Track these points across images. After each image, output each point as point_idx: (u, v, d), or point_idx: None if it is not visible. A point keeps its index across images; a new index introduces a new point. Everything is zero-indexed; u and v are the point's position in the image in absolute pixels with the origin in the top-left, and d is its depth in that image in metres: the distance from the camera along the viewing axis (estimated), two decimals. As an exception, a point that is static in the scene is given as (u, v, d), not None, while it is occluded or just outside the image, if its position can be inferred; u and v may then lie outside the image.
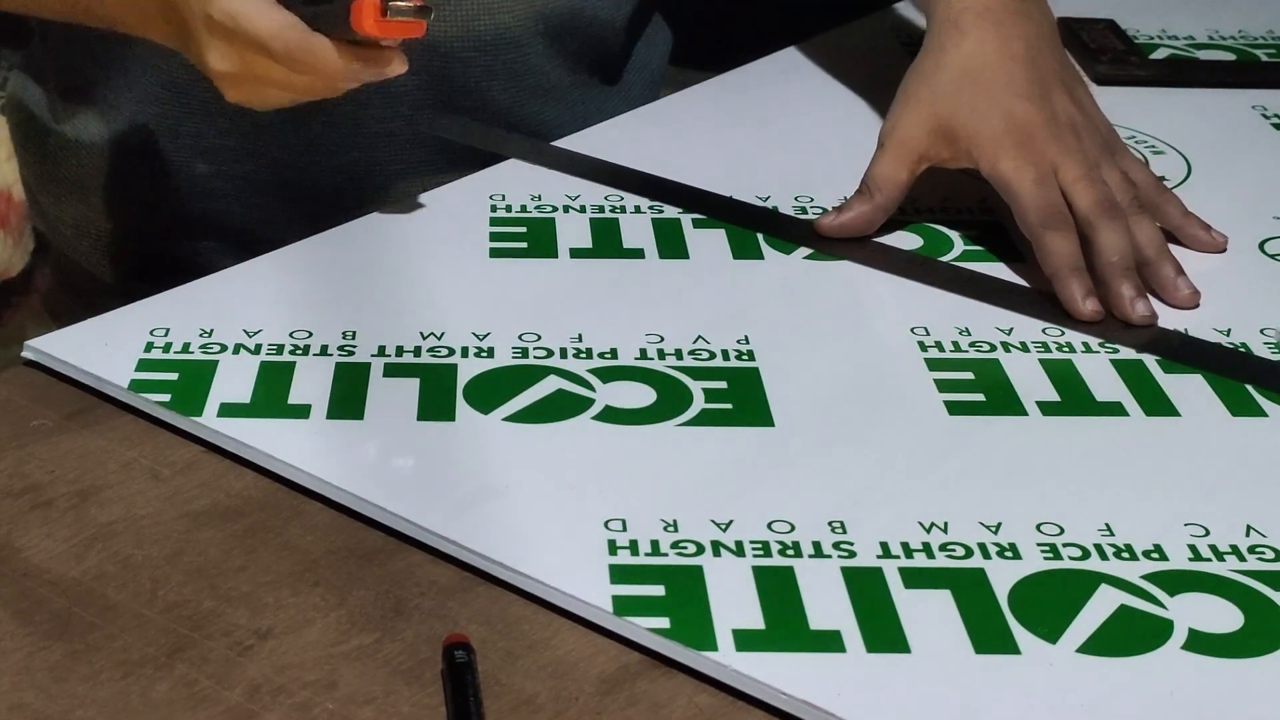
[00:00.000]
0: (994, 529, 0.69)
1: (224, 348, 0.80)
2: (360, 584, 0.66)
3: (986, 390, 0.80)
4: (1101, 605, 0.65)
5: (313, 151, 1.06)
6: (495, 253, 0.91)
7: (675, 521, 0.69)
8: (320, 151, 1.06)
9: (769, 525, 0.69)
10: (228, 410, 0.75)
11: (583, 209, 0.96)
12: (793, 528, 0.69)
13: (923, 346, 0.83)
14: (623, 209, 0.96)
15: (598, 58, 1.13)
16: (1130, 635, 0.64)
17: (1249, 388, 0.80)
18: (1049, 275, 0.87)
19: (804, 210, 0.97)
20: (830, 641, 0.63)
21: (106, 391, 0.77)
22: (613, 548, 0.67)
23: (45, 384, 0.79)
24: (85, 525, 0.69)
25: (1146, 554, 0.68)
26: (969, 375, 0.81)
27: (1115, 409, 0.79)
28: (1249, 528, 0.70)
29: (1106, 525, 0.70)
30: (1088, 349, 0.84)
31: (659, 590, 0.65)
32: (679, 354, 0.81)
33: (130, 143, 1.09)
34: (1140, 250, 0.89)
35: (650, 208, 0.96)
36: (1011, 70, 0.93)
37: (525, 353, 0.81)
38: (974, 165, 0.92)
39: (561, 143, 1.04)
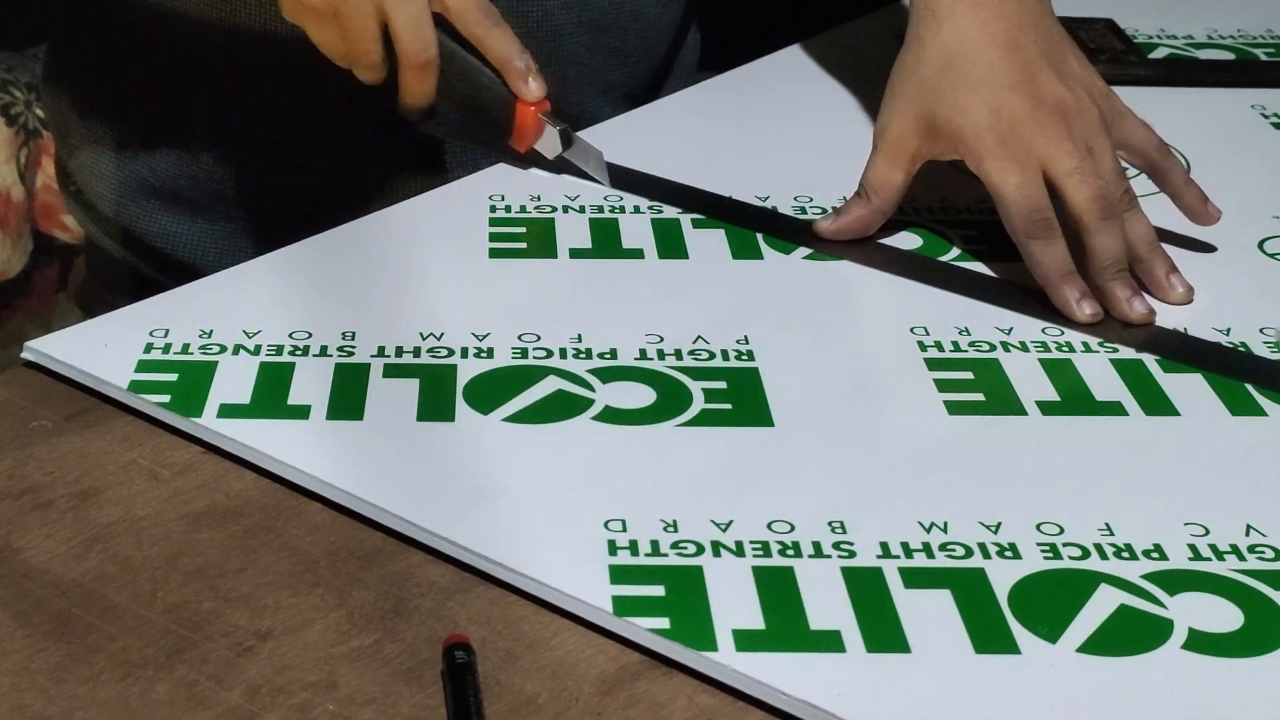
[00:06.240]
0: (994, 529, 0.69)
1: (224, 348, 0.80)
2: (360, 584, 0.66)
3: (986, 390, 0.79)
4: (1101, 605, 0.65)
5: (314, 149, 1.06)
6: (495, 253, 0.91)
7: (675, 522, 0.69)
8: (322, 149, 1.06)
9: (769, 525, 0.69)
10: (227, 411, 0.75)
11: (582, 209, 0.96)
12: (793, 528, 0.69)
13: (922, 346, 0.83)
14: (622, 209, 0.96)
15: (645, 57, 1.12)
16: (1130, 635, 0.64)
17: (1248, 387, 0.80)
18: (1040, 284, 0.87)
19: (803, 210, 0.97)
20: (830, 641, 0.63)
21: (106, 392, 0.77)
22: (613, 548, 0.67)
23: (45, 385, 0.79)
24: (85, 526, 0.69)
25: (1146, 553, 0.68)
26: (969, 375, 0.81)
27: (1115, 409, 0.79)
28: (1249, 527, 0.70)
29: (1106, 525, 0.70)
30: (1087, 349, 0.84)
31: (659, 590, 0.65)
32: (679, 354, 0.81)
33: (132, 135, 1.09)
34: (1132, 247, 0.88)
35: (650, 208, 0.96)
36: (991, 57, 0.91)
37: (525, 353, 0.81)
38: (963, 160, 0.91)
39: (561, 143, 1.04)
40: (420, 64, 0.93)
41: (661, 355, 0.81)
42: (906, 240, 0.94)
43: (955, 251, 0.93)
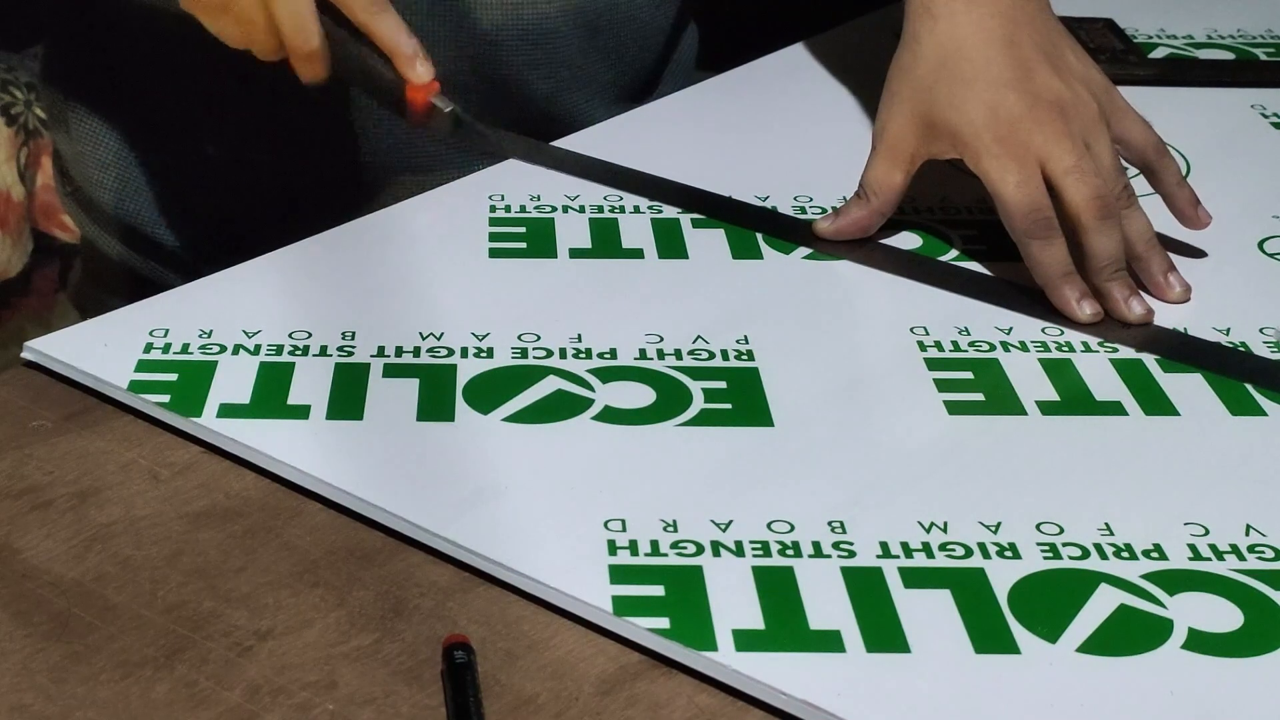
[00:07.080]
0: (994, 529, 0.69)
1: (223, 348, 0.80)
2: (360, 584, 0.66)
3: (986, 390, 0.79)
4: (1101, 605, 0.65)
5: (314, 148, 1.06)
6: (495, 253, 0.91)
7: (675, 521, 0.69)
8: (321, 149, 1.06)
9: (769, 525, 0.69)
10: (227, 411, 0.75)
11: (582, 209, 0.96)
12: (792, 528, 0.69)
13: (922, 346, 0.83)
14: (622, 209, 0.96)
15: (638, 57, 1.13)
16: (1130, 635, 0.64)
17: (1248, 387, 0.80)
18: (1040, 284, 0.87)
19: (803, 210, 0.97)
20: (830, 641, 0.63)
21: (106, 392, 0.77)
22: (612, 548, 0.67)
23: (45, 385, 0.79)
24: (84, 526, 0.69)
25: (1146, 553, 0.68)
26: (969, 375, 0.81)
27: (1115, 408, 0.79)
28: (1249, 527, 0.70)
29: (1106, 525, 0.70)
30: (1087, 348, 0.84)
31: (659, 590, 0.65)
32: (678, 354, 0.81)
33: (131, 135, 1.09)
34: (1130, 245, 0.88)
35: (649, 208, 0.96)
36: (987, 54, 0.91)
37: (525, 353, 0.81)
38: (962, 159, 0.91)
39: (561, 142, 1.04)
40: (304, 55, 0.93)
41: (661, 355, 0.81)
42: (906, 240, 0.94)
43: (955, 251, 0.93)
